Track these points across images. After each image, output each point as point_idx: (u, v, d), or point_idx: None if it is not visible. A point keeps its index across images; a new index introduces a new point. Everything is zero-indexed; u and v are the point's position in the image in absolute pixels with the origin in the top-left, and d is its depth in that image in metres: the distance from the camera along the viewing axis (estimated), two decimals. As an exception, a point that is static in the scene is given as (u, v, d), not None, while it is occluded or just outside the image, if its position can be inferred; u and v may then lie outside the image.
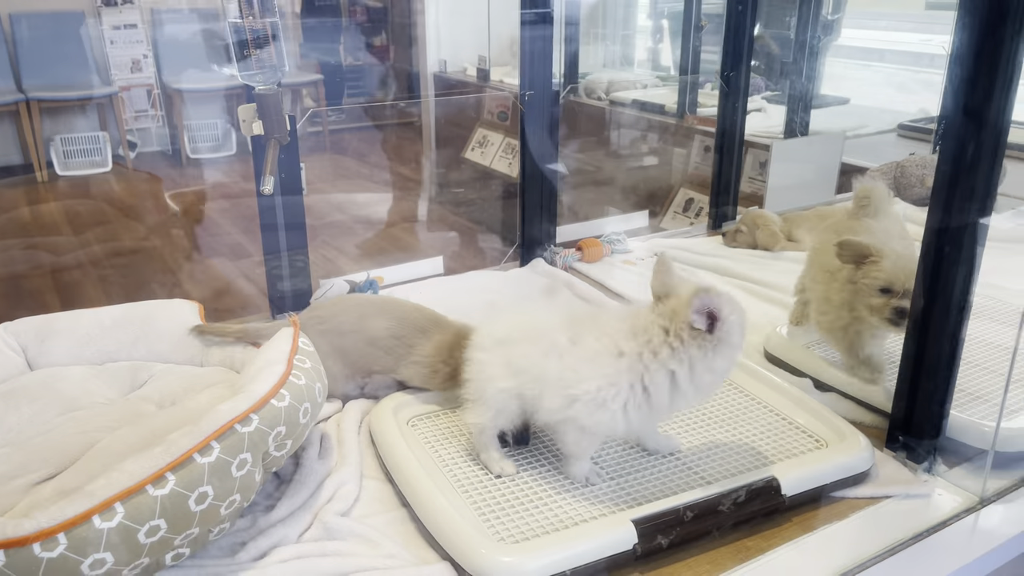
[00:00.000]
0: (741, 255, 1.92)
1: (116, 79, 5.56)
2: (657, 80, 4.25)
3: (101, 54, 5.54)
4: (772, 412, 1.21)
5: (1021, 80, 0.93)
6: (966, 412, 1.16)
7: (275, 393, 0.94)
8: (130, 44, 5.58)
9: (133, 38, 5.58)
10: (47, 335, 1.29)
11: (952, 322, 1.04)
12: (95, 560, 0.79)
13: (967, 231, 1.00)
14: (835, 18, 3.71)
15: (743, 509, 0.99)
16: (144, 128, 5.73)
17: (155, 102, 5.74)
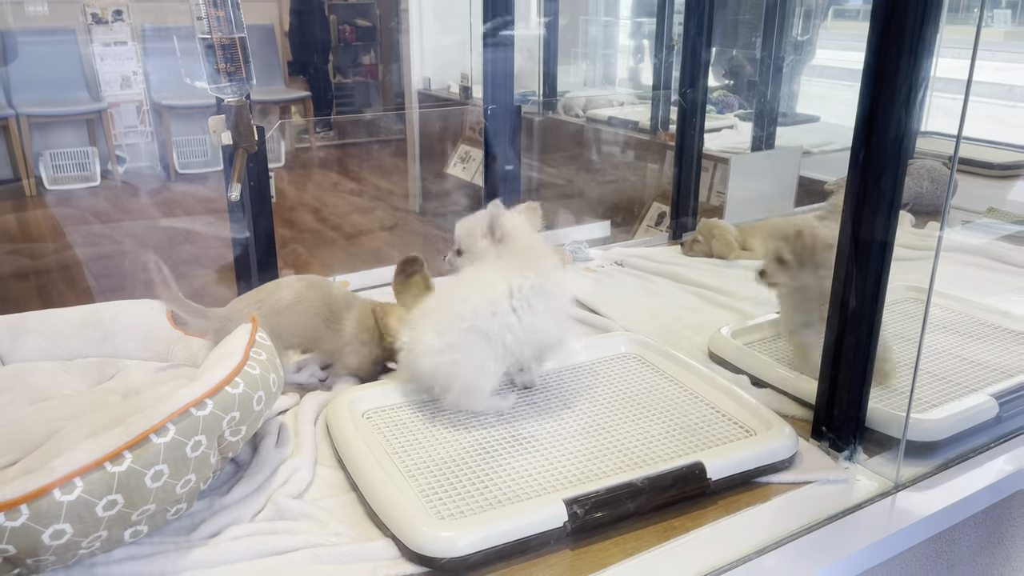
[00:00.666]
0: (697, 263, 2.00)
1: (106, 95, 5.64)
2: (634, 98, 4.36)
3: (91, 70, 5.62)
4: (707, 405, 1.28)
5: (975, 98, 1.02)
6: (885, 404, 1.24)
7: (230, 381, 1.01)
8: (120, 61, 5.66)
9: (123, 55, 5.67)
10: (19, 332, 1.36)
11: (866, 317, 1.11)
12: (55, 530, 0.85)
13: (877, 232, 1.08)
14: (805, 39, 3.83)
15: (669, 491, 1.06)
16: (133, 143, 5.80)
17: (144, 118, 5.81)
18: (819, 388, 1.19)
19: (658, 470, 1.07)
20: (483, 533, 0.97)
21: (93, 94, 5.65)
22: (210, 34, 1.37)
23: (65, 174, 5.44)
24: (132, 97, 5.77)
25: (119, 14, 5.70)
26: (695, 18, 2.00)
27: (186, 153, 5.86)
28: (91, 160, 5.53)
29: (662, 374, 1.39)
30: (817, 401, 1.20)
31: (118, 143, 5.71)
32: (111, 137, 5.58)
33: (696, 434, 1.21)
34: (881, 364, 1.26)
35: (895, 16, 0.97)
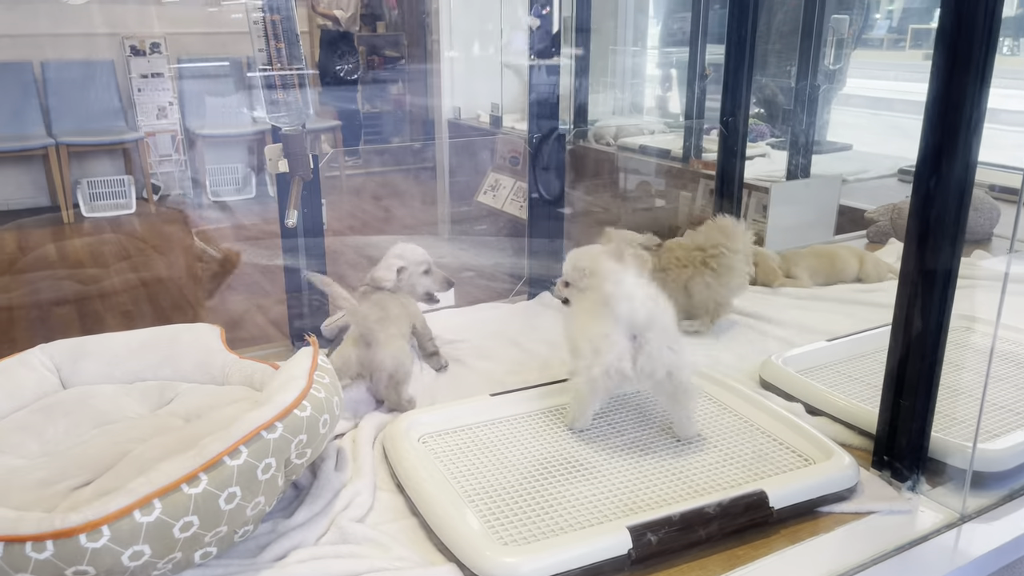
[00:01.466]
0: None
1: (142, 125, 5.75)
2: (664, 127, 4.38)
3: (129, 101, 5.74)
4: (762, 432, 1.28)
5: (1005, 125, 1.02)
6: (950, 434, 1.22)
7: (298, 404, 1.02)
8: (156, 92, 5.78)
9: (160, 86, 5.79)
10: (80, 356, 1.38)
11: (930, 346, 1.11)
12: (134, 552, 0.86)
13: (942, 261, 1.08)
14: (837, 68, 3.83)
15: (733, 519, 1.06)
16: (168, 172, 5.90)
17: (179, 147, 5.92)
18: (880, 417, 1.18)
19: (723, 497, 1.07)
20: (547, 560, 0.97)
21: (130, 124, 5.76)
22: (270, 65, 1.40)
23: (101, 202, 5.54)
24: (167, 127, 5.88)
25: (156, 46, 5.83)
26: (736, 47, 2.01)
27: (218, 181, 5.95)
28: (127, 188, 5.63)
29: (715, 401, 1.39)
30: (878, 430, 1.19)
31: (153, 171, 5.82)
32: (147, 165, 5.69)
33: (754, 462, 1.20)
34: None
35: (962, 47, 0.97)
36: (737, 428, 1.30)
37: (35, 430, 1.19)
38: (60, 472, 1.08)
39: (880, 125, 5.09)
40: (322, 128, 6.31)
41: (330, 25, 6.46)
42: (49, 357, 1.36)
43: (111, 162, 5.70)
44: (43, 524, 0.85)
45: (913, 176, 1.08)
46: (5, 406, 1.25)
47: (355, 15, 6.41)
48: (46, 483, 1.06)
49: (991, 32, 0.97)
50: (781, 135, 3.88)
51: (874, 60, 5.97)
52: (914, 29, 6.20)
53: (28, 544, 0.83)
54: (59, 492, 1.04)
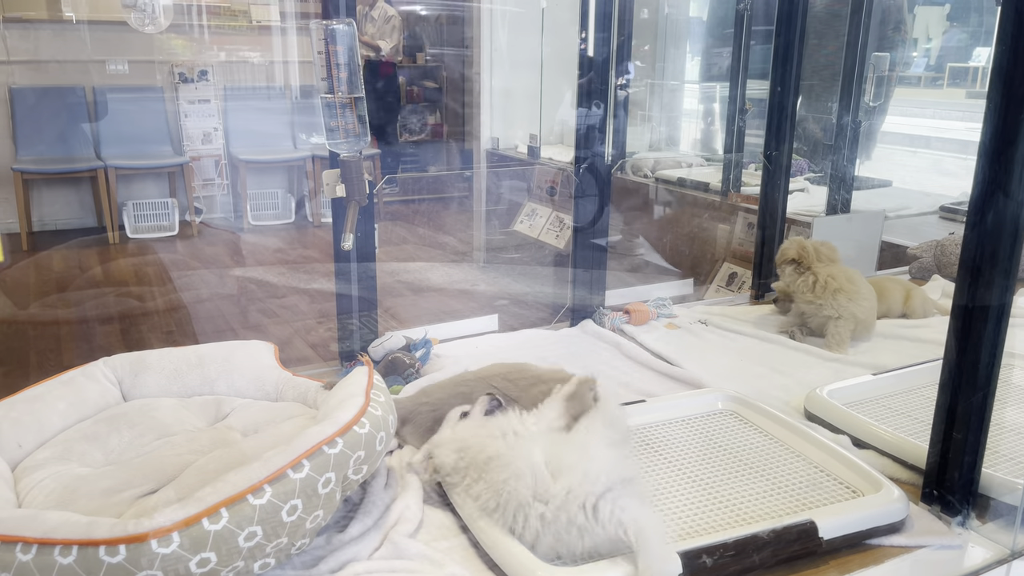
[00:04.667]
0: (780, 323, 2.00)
1: (188, 150, 5.90)
2: (702, 160, 4.40)
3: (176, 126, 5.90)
4: (809, 463, 1.28)
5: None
6: (998, 470, 1.22)
7: (357, 421, 1.05)
8: (203, 117, 5.94)
9: (206, 112, 5.95)
10: (140, 370, 1.42)
11: (982, 382, 1.11)
12: (201, 559, 0.89)
13: (995, 297, 1.08)
14: (877, 104, 3.84)
15: (784, 548, 1.06)
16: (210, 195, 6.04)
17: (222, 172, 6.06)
18: (931, 450, 1.18)
19: (773, 526, 1.07)
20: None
21: (176, 148, 5.92)
22: (332, 93, 1.45)
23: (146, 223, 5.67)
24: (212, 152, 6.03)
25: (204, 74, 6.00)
26: (781, 82, 2.04)
27: (259, 206, 6.07)
28: (171, 211, 5.76)
29: (761, 431, 1.39)
30: (928, 463, 1.19)
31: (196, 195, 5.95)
32: (190, 189, 5.82)
33: (802, 493, 1.20)
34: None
35: (1017, 82, 0.99)
36: (783, 458, 1.30)
37: (99, 440, 1.23)
38: (125, 481, 1.11)
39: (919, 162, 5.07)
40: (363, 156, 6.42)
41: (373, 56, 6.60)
42: (112, 370, 1.41)
43: (156, 185, 5.85)
44: (116, 529, 0.88)
45: (964, 210, 1.08)
46: (70, 416, 1.29)
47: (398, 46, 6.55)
48: (112, 491, 1.09)
49: (1046, 71, 0.99)
50: (819, 170, 3.88)
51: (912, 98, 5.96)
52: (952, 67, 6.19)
53: (102, 548, 0.87)
54: (124, 500, 1.08)
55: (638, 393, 1.58)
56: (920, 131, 5.54)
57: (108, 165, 5.49)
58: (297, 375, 1.43)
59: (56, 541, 0.87)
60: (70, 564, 0.86)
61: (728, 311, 2.09)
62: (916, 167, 4.94)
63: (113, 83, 5.82)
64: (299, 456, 0.97)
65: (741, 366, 1.76)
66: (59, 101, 5.63)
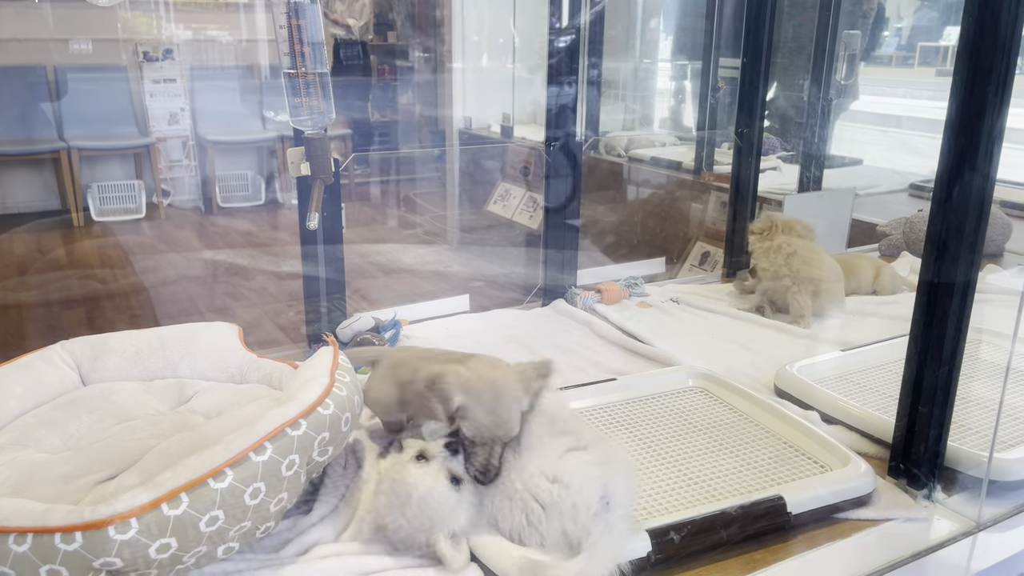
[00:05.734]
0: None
1: (154, 130, 5.79)
2: (675, 139, 4.40)
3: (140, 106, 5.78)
4: (778, 439, 1.28)
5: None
6: (964, 444, 1.23)
7: (321, 402, 1.03)
8: (169, 97, 5.82)
9: (172, 92, 5.82)
10: (100, 353, 1.39)
11: (948, 356, 1.12)
12: (161, 544, 0.87)
13: (960, 273, 1.08)
14: (848, 83, 3.85)
15: (752, 523, 1.06)
16: (178, 177, 5.93)
17: (189, 153, 5.95)
18: (897, 424, 1.19)
19: (741, 502, 1.07)
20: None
21: (142, 129, 5.80)
22: (295, 69, 1.42)
23: (111, 206, 5.56)
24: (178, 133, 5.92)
25: (169, 52, 5.87)
26: (752, 60, 2.03)
27: (228, 187, 5.98)
28: (137, 193, 5.65)
29: (731, 408, 1.39)
30: (895, 437, 1.20)
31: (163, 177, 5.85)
32: (157, 171, 5.71)
33: (771, 468, 1.20)
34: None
35: (983, 59, 0.99)
36: (752, 434, 1.30)
37: (58, 425, 1.20)
38: (84, 467, 1.09)
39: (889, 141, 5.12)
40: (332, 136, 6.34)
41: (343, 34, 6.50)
42: (70, 354, 1.37)
43: (122, 167, 5.73)
44: (72, 516, 0.85)
45: (932, 187, 1.08)
46: (27, 401, 1.26)
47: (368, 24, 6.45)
48: (70, 477, 1.07)
49: (1012, 44, 0.98)
50: (792, 148, 3.90)
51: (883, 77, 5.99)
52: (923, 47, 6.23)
53: (57, 536, 0.84)
54: (83, 486, 1.05)
55: (609, 371, 1.58)
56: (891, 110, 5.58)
57: (71, 146, 5.37)
58: (263, 357, 1.41)
59: (10, 529, 0.85)
60: (24, 552, 0.84)
61: (700, 289, 2.09)
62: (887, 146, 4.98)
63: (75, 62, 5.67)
64: (261, 439, 0.95)
65: (712, 343, 1.76)
66: (19, 81, 5.48)
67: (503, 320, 1.86)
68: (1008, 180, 2.93)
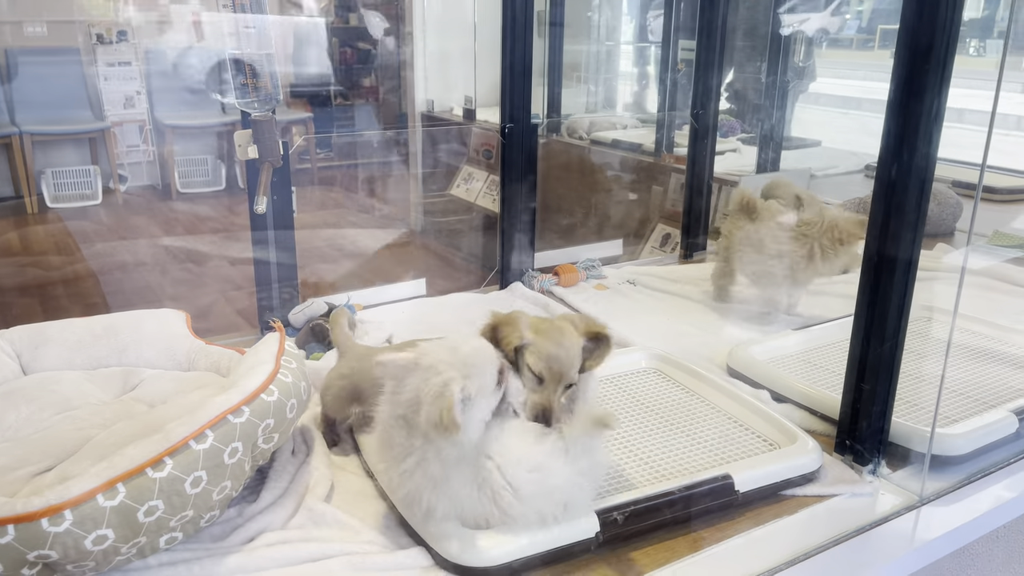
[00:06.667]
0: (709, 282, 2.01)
1: (109, 114, 5.65)
2: (637, 121, 4.40)
3: (95, 90, 5.64)
4: (729, 418, 1.29)
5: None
6: (911, 420, 1.25)
7: (265, 388, 1.01)
8: (124, 80, 5.68)
9: (127, 75, 5.69)
10: (41, 342, 1.35)
11: (891, 332, 1.13)
12: (98, 536, 0.85)
13: (903, 250, 1.10)
14: (806, 64, 3.88)
15: (699, 502, 1.07)
16: (135, 163, 5.81)
17: (147, 137, 5.83)
18: (843, 402, 1.21)
19: (689, 481, 1.08)
20: (516, 543, 0.97)
21: (96, 113, 5.67)
22: (239, 50, 1.39)
23: (67, 192, 5.44)
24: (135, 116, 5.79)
25: (123, 34, 5.73)
26: (707, 41, 2.03)
27: (188, 172, 5.87)
28: (93, 178, 5.53)
29: (683, 388, 1.40)
30: (841, 415, 1.21)
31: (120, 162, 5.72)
32: (113, 156, 5.59)
33: (721, 447, 1.21)
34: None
35: (923, 40, 0.99)
36: (704, 414, 1.31)
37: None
38: (21, 458, 1.06)
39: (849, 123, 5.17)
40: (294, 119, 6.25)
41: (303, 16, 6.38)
42: (9, 343, 1.34)
43: (76, 152, 5.60)
44: (4, 508, 0.83)
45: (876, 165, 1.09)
46: (-35, 392, 1.23)
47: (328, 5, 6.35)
48: (7, 469, 1.04)
49: (952, 26, 0.99)
50: (752, 131, 3.92)
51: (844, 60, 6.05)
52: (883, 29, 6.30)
53: (-12, 528, 0.82)
54: (20, 478, 1.03)
55: (564, 354, 1.57)
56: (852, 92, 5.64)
57: (23, 131, 5.23)
58: (211, 344, 1.39)
59: (-60, 523, 0.83)
60: (-46, 547, 0.82)
61: (657, 271, 2.10)
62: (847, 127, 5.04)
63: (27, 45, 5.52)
64: (202, 427, 0.94)
65: (668, 325, 1.77)
66: (-33, 64, 5.33)
67: (460, 304, 1.85)
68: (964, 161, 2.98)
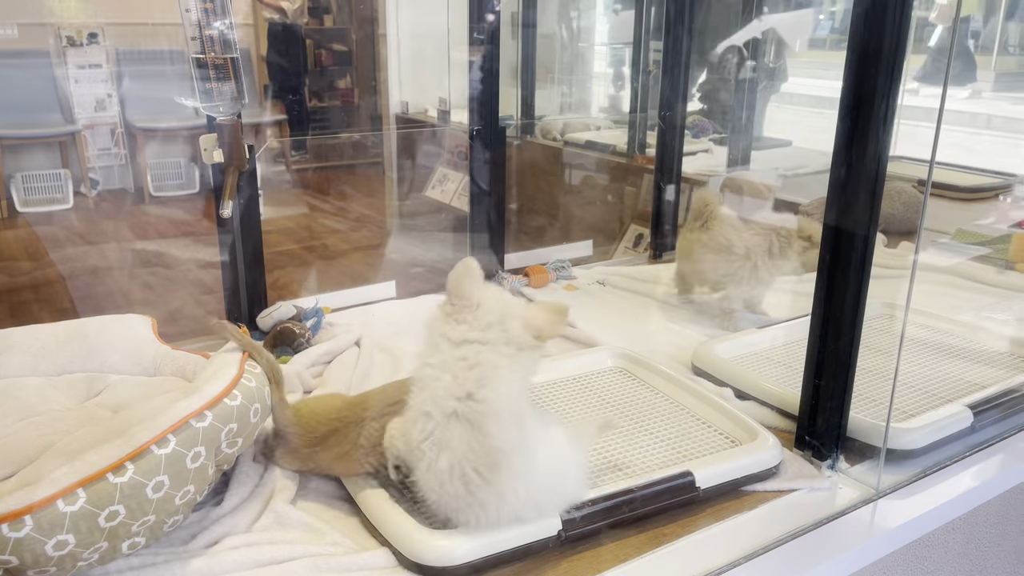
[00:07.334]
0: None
1: (79, 117, 5.59)
2: (610, 122, 4.43)
3: (65, 93, 5.58)
4: (692, 416, 1.31)
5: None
6: (869, 415, 1.27)
7: (228, 393, 1.02)
8: (95, 83, 5.63)
9: (98, 77, 5.63)
10: (4, 348, 1.34)
11: (847, 329, 1.15)
12: (58, 541, 0.85)
13: (856, 248, 1.12)
14: (776, 66, 3.93)
15: (660, 499, 1.09)
16: (107, 166, 5.75)
17: (118, 140, 5.77)
18: (802, 398, 1.23)
19: (650, 478, 1.10)
20: (478, 541, 0.98)
21: (66, 116, 5.61)
22: (203, 54, 1.39)
23: (37, 196, 5.38)
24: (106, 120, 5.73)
25: (94, 37, 5.68)
26: (673, 43, 2.06)
27: (160, 176, 5.82)
28: (64, 182, 5.47)
29: (648, 387, 1.42)
30: (800, 411, 1.24)
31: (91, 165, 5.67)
32: (84, 160, 5.54)
33: (683, 444, 1.23)
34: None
35: (872, 44, 1.02)
36: (667, 412, 1.33)
37: (-42, 424, 1.16)
38: (-17, 465, 1.06)
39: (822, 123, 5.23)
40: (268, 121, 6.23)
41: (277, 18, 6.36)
42: (-29, 350, 1.33)
43: (47, 156, 5.54)
44: (-37, 515, 0.83)
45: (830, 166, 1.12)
46: (-73, 400, 1.22)
47: (302, 7, 6.32)
48: (-31, 476, 1.04)
49: (901, 28, 1.01)
50: (724, 131, 3.95)
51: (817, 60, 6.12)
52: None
53: (-53, 535, 0.82)
54: (-18, 485, 1.03)
55: (533, 354, 1.59)
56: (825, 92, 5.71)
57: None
58: (177, 349, 1.38)
59: None
60: (-88, 554, 0.82)
61: (626, 271, 2.12)
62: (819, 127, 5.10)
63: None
64: (164, 431, 0.94)
65: (636, 324, 1.79)
66: (-68, 67, 5.26)
67: (430, 305, 1.85)
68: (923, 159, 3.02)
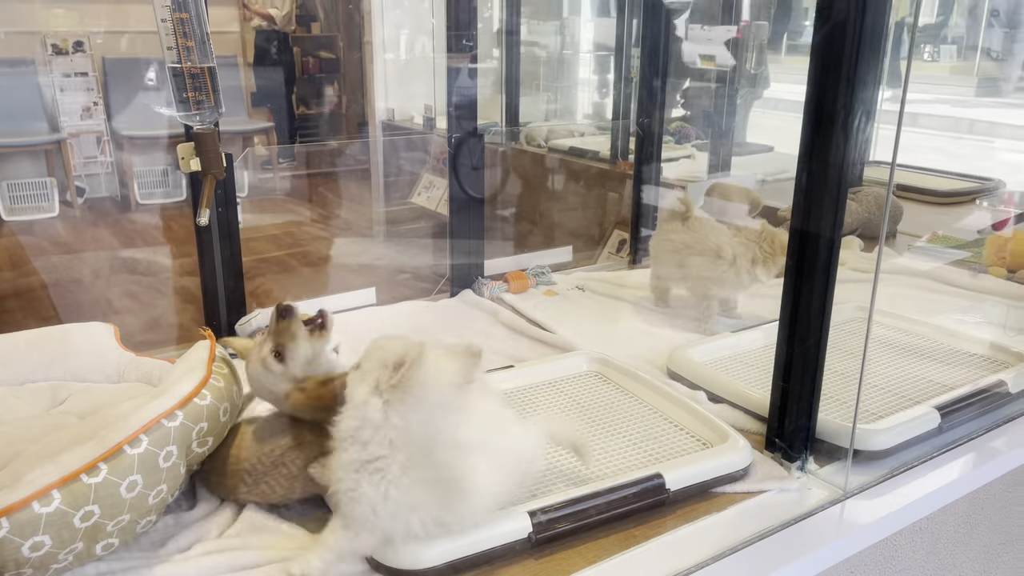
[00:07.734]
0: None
1: (65, 126, 5.59)
2: (594, 129, 4.46)
3: (51, 101, 5.57)
4: (665, 419, 1.33)
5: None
6: (837, 417, 1.29)
7: (198, 392, 1.03)
8: (80, 91, 5.62)
9: (84, 86, 5.63)
10: (-36, 360, 1.35)
11: (813, 332, 1.18)
12: (35, 542, 0.86)
13: (822, 252, 1.14)
14: (758, 72, 3.96)
15: (631, 502, 1.10)
16: (93, 174, 5.74)
17: (104, 148, 5.77)
18: (771, 401, 1.25)
19: (621, 481, 1.11)
20: (449, 544, 1.00)
21: (52, 125, 5.60)
22: (180, 63, 1.40)
23: (23, 204, 5.36)
24: (92, 128, 5.73)
25: (80, 45, 5.68)
26: (651, 51, 2.08)
27: (147, 184, 5.82)
28: (49, 191, 5.46)
29: (622, 390, 1.44)
30: (770, 414, 1.26)
31: (77, 174, 5.66)
32: (70, 168, 5.53)
33: (655, 447, 1.25)
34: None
35: (832, 51, 1.04)
36: (641, 415, 1.35)
37: (-71, 432, 1.17)
38: (-44, 472, 1.07)
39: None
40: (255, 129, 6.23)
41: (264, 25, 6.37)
42: (-64, 359, 1.34)
43: (32, 164, 5.53)
44: (-65, 519, 0.84)
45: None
46: (-99, 408, 1.22)
47: (290, 14, 6.33)
48: (-58, 483, 1.05)
49: (860, 38, 1.04)
50: (706, 137, 3.99)
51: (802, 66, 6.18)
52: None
53: (-81, 540, 0.83)
54: (-45, 492, 1.03)
55: (510, 359, 1.60)
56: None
57: (-23, 144, 5.16)
58: (142, 355, 1.39)
59: None
60: None
61: (605, 276, 2.14)
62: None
63: (-21, 56, 5.44)
64: (137, 431, 0.95)
65: (613, 329, 1.81)
66: (-82, 76, 5.25)
67: (409, 312, 1.87)
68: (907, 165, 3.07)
